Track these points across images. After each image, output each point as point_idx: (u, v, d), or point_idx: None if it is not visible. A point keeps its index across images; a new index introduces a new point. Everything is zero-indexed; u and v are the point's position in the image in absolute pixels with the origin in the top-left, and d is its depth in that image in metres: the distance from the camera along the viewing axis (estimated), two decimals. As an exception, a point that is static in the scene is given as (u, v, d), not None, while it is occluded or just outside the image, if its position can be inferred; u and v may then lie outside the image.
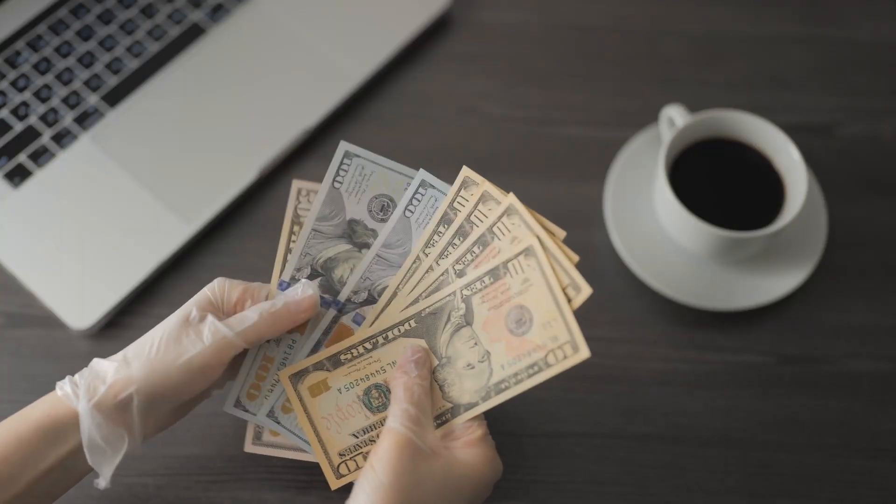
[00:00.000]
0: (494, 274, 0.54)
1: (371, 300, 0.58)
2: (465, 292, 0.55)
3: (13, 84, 0.77)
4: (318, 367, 0.57)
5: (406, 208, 0.57)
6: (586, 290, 0.52)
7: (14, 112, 0.76)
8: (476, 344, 0.54)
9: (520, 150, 0.78)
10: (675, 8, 0.84)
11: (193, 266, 0.73)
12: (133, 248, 0.71)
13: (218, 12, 0.80)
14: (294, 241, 0.58)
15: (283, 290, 0.58)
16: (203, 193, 0.73)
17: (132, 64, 0.78)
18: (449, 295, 0.55)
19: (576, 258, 0.53)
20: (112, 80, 0.77)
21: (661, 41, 0.83)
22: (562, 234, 0.54)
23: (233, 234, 0.74)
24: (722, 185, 0.72)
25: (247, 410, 0.58)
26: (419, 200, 0.57)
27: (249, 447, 0.59)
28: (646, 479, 0.66)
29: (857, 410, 0.69)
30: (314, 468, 0.65)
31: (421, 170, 0.57)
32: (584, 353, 0.51)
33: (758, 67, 0.82)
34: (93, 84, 0.77)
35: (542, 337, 0.52)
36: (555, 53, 0.82)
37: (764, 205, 0.70)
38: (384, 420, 0.55)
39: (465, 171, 0.56)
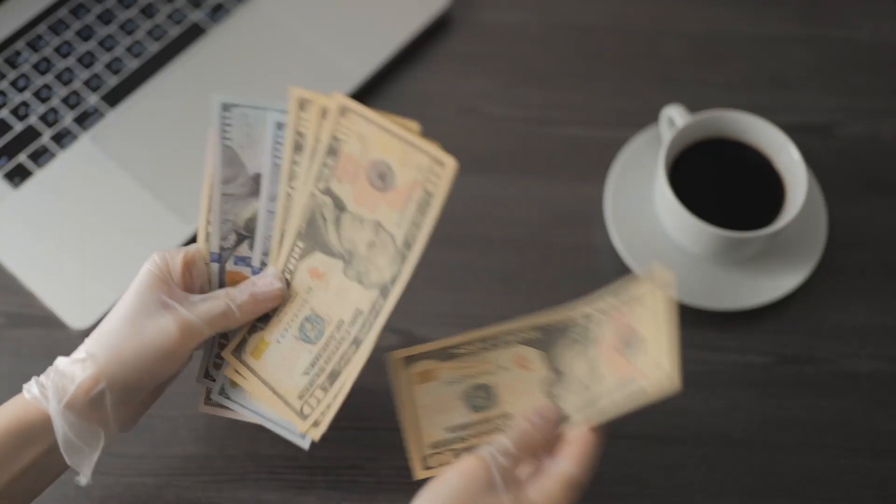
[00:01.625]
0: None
1: (242, 238, 0.57)
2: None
3: (13, 84, 0.77)
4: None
5: (222, 138, 0.56)
6: (412, 124, 0.51)
7: (14, 112, 0.76)
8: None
9: (520, 150, 0.78)
10: (675, 8, 0.84)
11: (193, 266, 0.73)
12: (133, 248, 0.71)
13: (218, 12, 0.80)
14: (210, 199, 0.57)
15: (215, 261, 0.57)
16: (203, 193, 0.73)
17: (132, 64, 0.78)
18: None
19: (415, 126, 0.51)
20: (112, 80, 0.77)
21: (661, 41, 0.83)
22: (415, 126, 0.51)
23: (233, 234, 0.74)
24: (722, 185, 0.72)
25: (213, 379, 0.58)
26: (230, 125, 0.55)
27: (203, 407, 0.59)
28: (646, 479, 0.66)
29: (857, 410, 0.69)
30: (314, 468, 0.65)
31: (213, 94, 0.55)
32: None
33: (758, 67, 0.82)
34: (93, 84, 0.77)
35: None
36: (555, 53, 0.82)
37: (764, 205, 0.70)
38: (482, 421, 0.55)
39: (296, 91, 0.53)
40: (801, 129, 0.78)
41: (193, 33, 0.79)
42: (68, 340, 0.70)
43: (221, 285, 0.58)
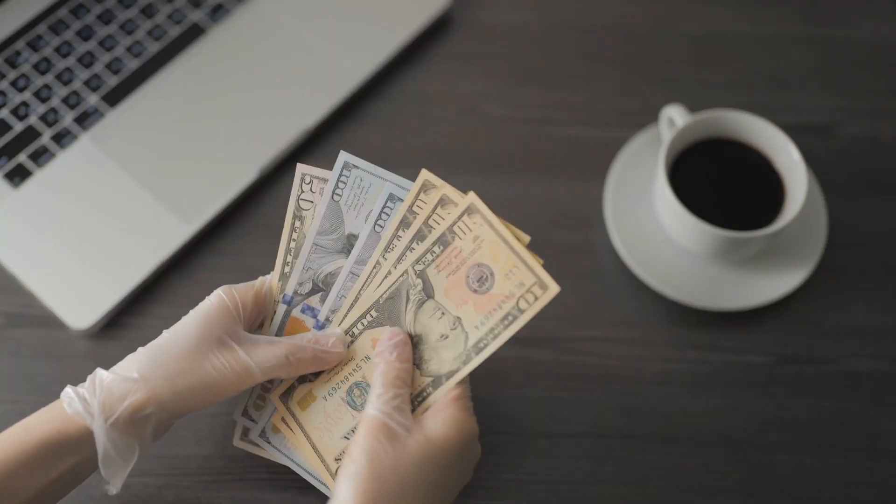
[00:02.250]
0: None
1: (316, 289, 0.58)
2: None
3: (13, 84, 0.77)
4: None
5: (333, 192, 0.57)
6: (525, 237, 0.53)
7: (14, 112, 0.76)
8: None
9: (520, 150, 0.78)
10: (675, 8, 0.84)
11: (193, 266, 0.73)
12: (133, 248, 0.71)
13: (218, 12, 0.80)
14: (294, 241, 0.58)
15: (285, 303, 0.58)
16: (203, 193, 0.73)
17: (132, 64, 0.78)
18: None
19: (526, 238, 0.53)
20: (112, 80, 0.77)
21: (661, 41, 0.83)
22: (526, 239, 0.54)
23: (233, 234, 0.74)
24: (722, 185, 0.72)
25: (252, 420, 0.59)
26: (345, 183, 0.57)
27: (238, 442, 0.60)
28: (646, 479, 0.66)
29: (857, 410, 0.69)
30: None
31: (342, 152, 0.57)
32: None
33: (758, 67, 0.82)
34: (93, 84, 0.77)
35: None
36: (555, 53, 0.82)
37: (764, 205, 0.70)
38: None
39: (425, 175, 0.55)
40: (801, 129, 0.78)
41: (193, 33, 0.79)
42: (68, 340, 0.70)
43: (281, 328, 0.58)
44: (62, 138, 0.75)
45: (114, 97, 0.77)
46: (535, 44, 0.83)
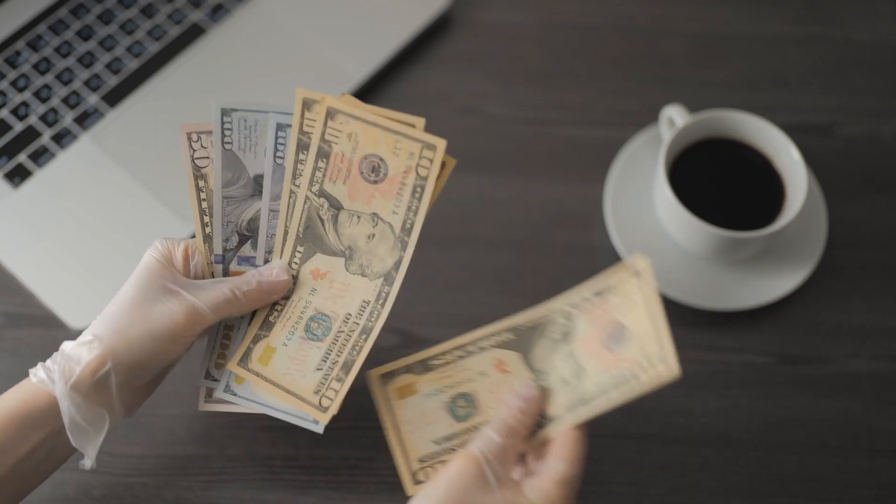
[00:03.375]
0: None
1: (244, 238, 0.58)
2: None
3: (13, 84, 0.77)
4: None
5: (223, 142, 0.56)
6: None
7: (14, 112, 0.76)
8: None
9: (520, 150, 0.78)
10: (675, 8, 0.84)
11: (193, 266, 0.73)
12: (133, 248, 0.71)
13: (218, 12, 0.80)
14: (205, 200, 0.57)
15: (218, 262, 0.58)
16: (203, 193, 0.73)
17: (132, 64, 0.78)
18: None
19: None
20: (112, 80, 0.77)
21: (661, 41, 0.83)
22: (420, 121, 0.53)
23: (233, 234, 0.74)
24: (722, 185, 0.72)
25: (215, 379, 0.58)
26: (230, 129, 0.56)
27: (203, 406, 0.59)
28: (646, 479, 0.66)
29: (857, 410, 0.69)
30: (314, 468, 0.65)
31: (214, 101, 0.56)
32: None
33: (758, 67, 0.82)
34: (93, 84, 0.77)
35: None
36: (555, 53, 0.82)
37: (764, 205, 0.70)
38: (468, 430, 0.55)
39: (302, 93, 0.55)
40: (801, 129, 0.78)
41: (193, 33, 0.79)
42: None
43: None
44: (62, 138, 0.75)
45: (114, 97, 0.77)
46: (535, 44, 0.83)
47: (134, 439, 0.65)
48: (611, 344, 0.52)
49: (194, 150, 0.57)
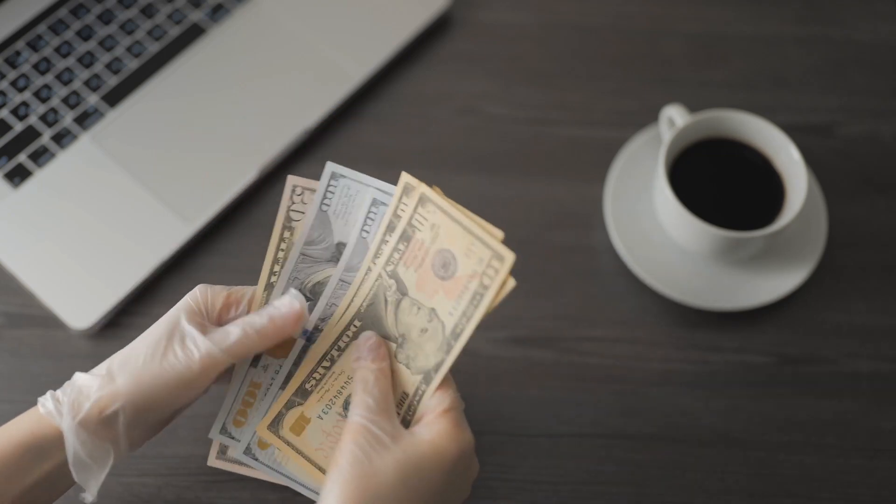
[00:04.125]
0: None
1: (305, 300, 0.57)
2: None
3: (13, 84, 0.77)
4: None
5: (322, 203, 0.56)
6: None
7: (14, 112, 0.76)
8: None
9: (520, 150, 0.78)
10: (675, 8, 0.85)
11: (193, 266, 0.73)
12: (133, 248, 0.71)
13: (218, 12, 0.80)
14: (283, 251, 0.57)
15: None
16: (203, 193, 0.73)
17: (132, 64, 0.78)
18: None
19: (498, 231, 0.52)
20: (112, 80, 0.77)
21: (661, 41, 0.83)
22: (499, 233, 0.52)
23: (233, 234, 0.74)
24: (722, 185, 0.72)
25: (233, 437, 0.57)
26: (332, 193, 0.56)
27: (213, 461, 0.58)
28: (646, 479, 0.66)
29: (857, 410, 0.69)
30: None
31: (328, 163, 0.56)
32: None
33: (758, 67, 0.82)
34: (93, 84, 0.77)
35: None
36: (555, 53, 0.82)
37: (764, 205, 0.70)
38: None
39: (405, 178, 0.55)
40: (801, 129, 0.78)
41: (193, 33, 0.79)
42: (68, 340, 0.70)
43: (297, 364, 0.57)
44: (62, 138, 0.75)
45: (114, 97, 0.77)
46: (535, 44, 0.83)
47: (134, 439, 0.65)
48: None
49: (293, 203, 0.57)
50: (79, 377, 0.53)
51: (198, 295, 0.55)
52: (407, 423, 0.54)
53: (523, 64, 0.82)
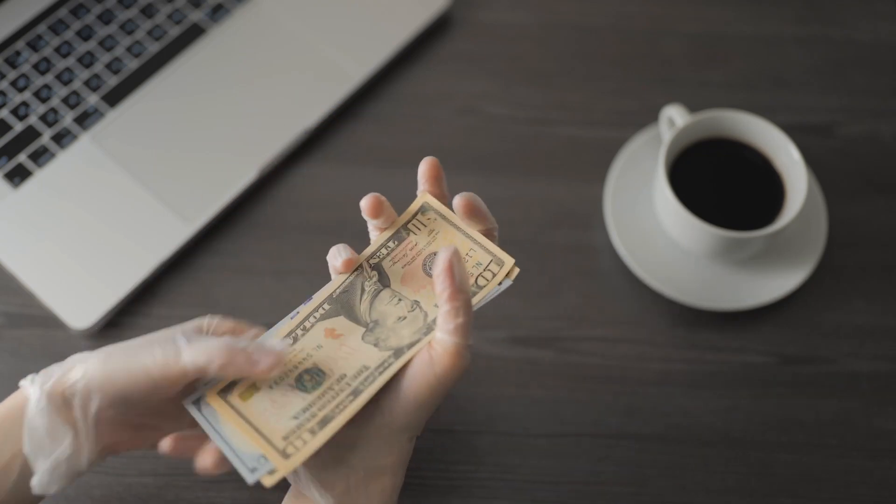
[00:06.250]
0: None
1: None
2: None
3: (13, 84, 0.77)
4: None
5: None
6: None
7: (14, 112, 0.76)
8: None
9: (520, 150, 0.78)
10: (675, 8, 0.85)
11: (193, 266, 0.73)
12: (133, 248, 0.71)
13: (218, 12, 0.80)
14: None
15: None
16: (203, 193, 0.73)
17: (132, 64, 0.78)
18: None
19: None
20: (112, 80, 0.77)
21: (661, 41, 0.83)
22: (510, 260, 0.54)
23: (233, 234, 0.74)
24: (722, 185, 0.72)
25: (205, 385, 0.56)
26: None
27: (185, 401, 0.56)
28: (646, 479, 0.66)
29: (857, 410, 0.69)
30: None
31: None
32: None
33: (758, 67, 0.82)
34: (93, 84, 0.77)
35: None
36: (555, 53, 0.82)
37: (764, 205, 0.70)
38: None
39: (425, 196, 0.56)
40: (801, 129, 0.78)
41: (193, 33, 0.79)
42: (68, 340, 0.70)
43: None
44: (62, 138, 0.75)
45: (114, 97, 0.77)
46: (535, 44, 0.83)
47: (134, 439, 0.65)
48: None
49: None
50: (72, 356, 0.53)
51: (204, 320, 0.55)
52: (358, 392, 0.53)
53: (523, 64, 0.82)
